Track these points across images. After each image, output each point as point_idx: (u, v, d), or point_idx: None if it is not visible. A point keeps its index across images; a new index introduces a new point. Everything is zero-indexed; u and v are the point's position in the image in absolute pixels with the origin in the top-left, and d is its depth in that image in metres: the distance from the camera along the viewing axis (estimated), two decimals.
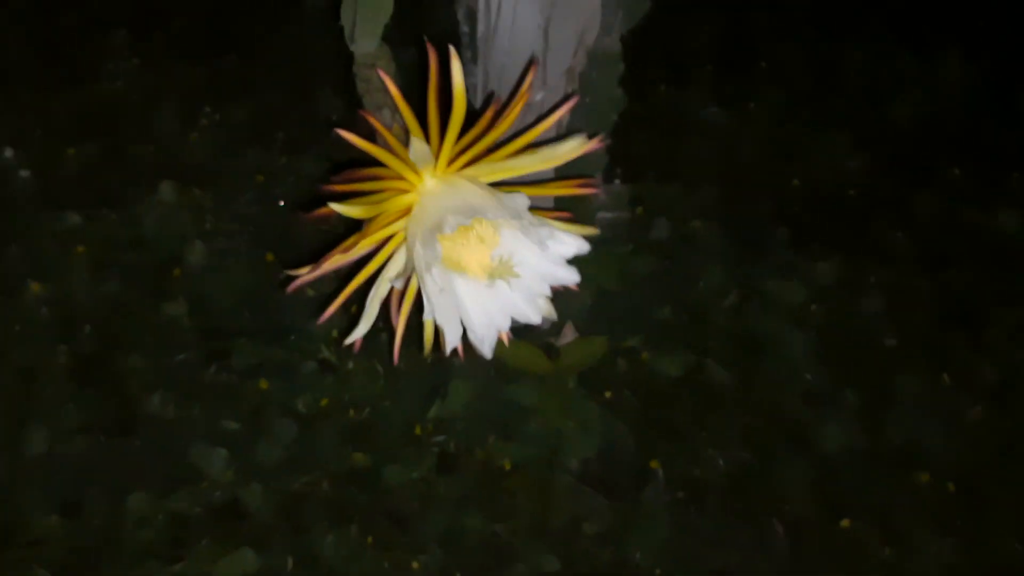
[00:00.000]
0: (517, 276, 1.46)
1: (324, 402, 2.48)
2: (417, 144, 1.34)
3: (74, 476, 2.34)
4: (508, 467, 2.42)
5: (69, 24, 3.49)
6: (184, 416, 2.47)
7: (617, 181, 2.63)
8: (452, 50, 1.34)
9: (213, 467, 2.34)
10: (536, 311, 1.53)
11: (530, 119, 2.14)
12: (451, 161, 1.48)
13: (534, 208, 1.43)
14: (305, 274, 1.45)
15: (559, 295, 1.58)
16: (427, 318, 1.44)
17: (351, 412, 2.47)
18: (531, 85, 1.45)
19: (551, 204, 2.23)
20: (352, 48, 1.60)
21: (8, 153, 2.93)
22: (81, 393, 2.48)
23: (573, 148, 1.44)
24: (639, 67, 3.37)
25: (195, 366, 2.58)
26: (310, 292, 2.67)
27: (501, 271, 1.44)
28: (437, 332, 1.63)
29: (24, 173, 2.90)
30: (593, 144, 1.48)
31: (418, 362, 2.58)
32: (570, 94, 2.10)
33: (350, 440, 2.43)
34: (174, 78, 3.30)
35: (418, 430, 2.45)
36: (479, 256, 1.48)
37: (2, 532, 2.23)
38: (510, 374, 2.52)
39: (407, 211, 1.45)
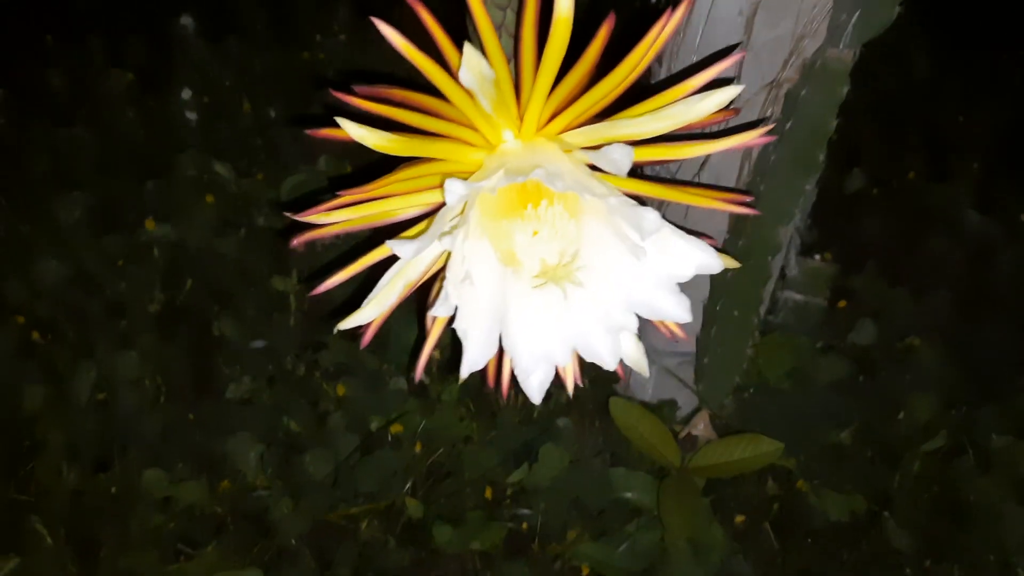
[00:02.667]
0: (577, 284, 0.98)
1: (397, 428, 2.07)
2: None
3: (114, 430, 2.09)
4: (586, 573, 1.90)
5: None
6: (247, 400, 2.16)
7: (817, 257, 2.06)
8: None
9: (249, 465, 2.00)
10: (612, 351, 1.05)
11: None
12: (547, 120, 1.04)
13: None
14: (312, 219, 1.05)
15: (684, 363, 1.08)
16: (433, 313, 1.00)
17: (418, 446, 2.04)
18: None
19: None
20: None
21: (186, 95, 2.82)
22: (156, 347, 2.24)
23: (710, 105, 0.95)
24: (890, 141, 2.84)
25: (282, 350, 2.28)
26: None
27: (557, 273, 0.98)
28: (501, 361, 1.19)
29: (191, 115, 2.77)
30: (728, 114, 0.99)
31: (517, 411, 2.13)
32: (766, 119, 1.59)
33: (410, 480, 2.01)
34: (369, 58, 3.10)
35: (489, 493, 1.98)
36: (544, 251, 1.02)
37: (12, 470, 2.00)
38: (623, 452, 2.00)
39: (466, 175, 1.03)
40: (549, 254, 0.99)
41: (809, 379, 2.04)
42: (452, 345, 1.12)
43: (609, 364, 1.05)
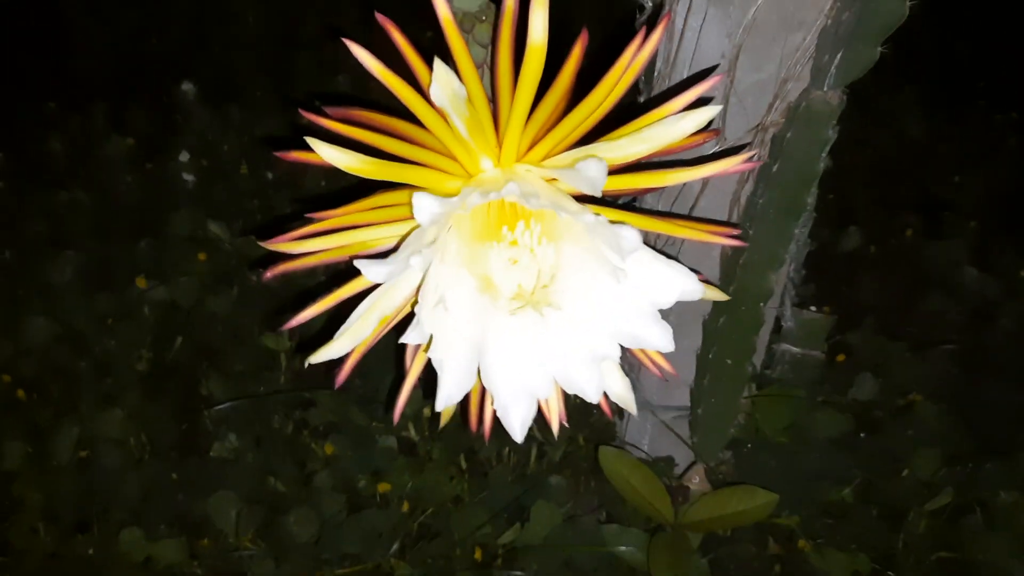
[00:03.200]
0: (556, 308, 0.96)
1: (385, 487, 2.02)
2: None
3: (95, 489, 2.04)
4: None
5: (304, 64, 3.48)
6: (233, 460, 2.11)
7: (812, 308, 2.02)
8: None
9: (231, 524, 1.93)
10: (595, 384, 1.01)
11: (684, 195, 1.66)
12: (528, 148, 1.03)
13: None
14: (283, 247, 1.03)
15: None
16: (404, 340, 0.97)
17: (405, 506, 1.98)
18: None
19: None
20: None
21: (184, 157, 2.84)
22: (142, 405, 2.20)
23: (689, 126, 0.94)
24: (886, 200, 2.83)
25: (270, 409, 2.23)
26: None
27: (534, 297, 0.95)
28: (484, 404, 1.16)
29: (188, 177, 2.79)
30: (708, 136, 0.98)
31: (510, 470, 2.08)
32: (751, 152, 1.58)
33: (398, 541, 1.94)
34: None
35: (479, 554, 1.91)
36: (522, 276, 0.99)
37: None
38: (618, 510, 1.94)
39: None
40: (526, 278, 0.97)
41: (809, 434, 1.99)
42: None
43: (592, 396, 1.01)
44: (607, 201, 1.13)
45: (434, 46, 1.08)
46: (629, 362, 1.11)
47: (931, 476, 1.99)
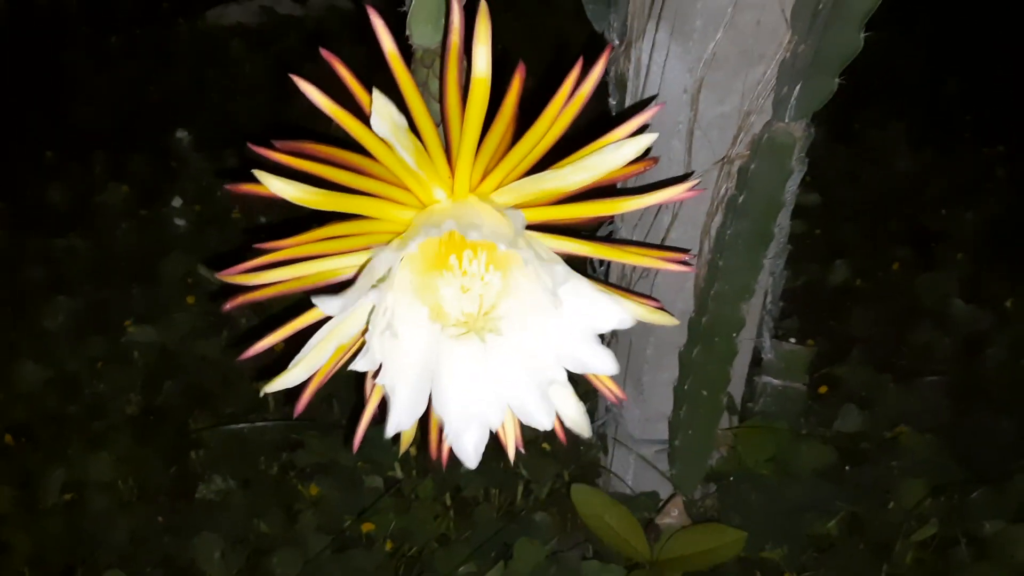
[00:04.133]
0: (497, 332, 0.97)
1: (369, 527, 2.01)
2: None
3: (82, 533, 2.04)
4: None
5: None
6: (219, 503, 2.12)
7: (792, 340, 2.03)
8: (483, 11, 0.94)
9: (214, 566, 1.93)
10: (545, 409, 1.02)
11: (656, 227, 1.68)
12: (480, 179, 1.06)
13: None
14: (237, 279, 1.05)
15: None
16: (354, 367, 0.98)
17: (388, 545, 1.98)
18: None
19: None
20: (408, 37, 1.26)
21: (176, 203, 2.89)
22: (131, 448, 2.21)
23: (628, 153, 0.96)
24: (874, 234, 2.84)
25: (257, 452, 2.24)
26: None
27: (477, 323, 0.97)
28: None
29: (180, 222, 2.83)
30: (647, 164, 1.00)
31: (494, 507, 2.07)
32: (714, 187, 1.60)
33: None
34: None
35: None
36: (468, 303, 1.01)
37: None
38: (603, 546, 1.93)
39: (396, 233, 1.03)
40: (470, 305, 0.98)
41: (793, 467, 1.98)
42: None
43: (543, 423, 1.02)
44: (578, 231, 1.15)
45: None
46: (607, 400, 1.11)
47: (917, 507, 1.97)
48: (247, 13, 3.99)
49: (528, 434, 1.08)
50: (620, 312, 0.95)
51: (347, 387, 2.28)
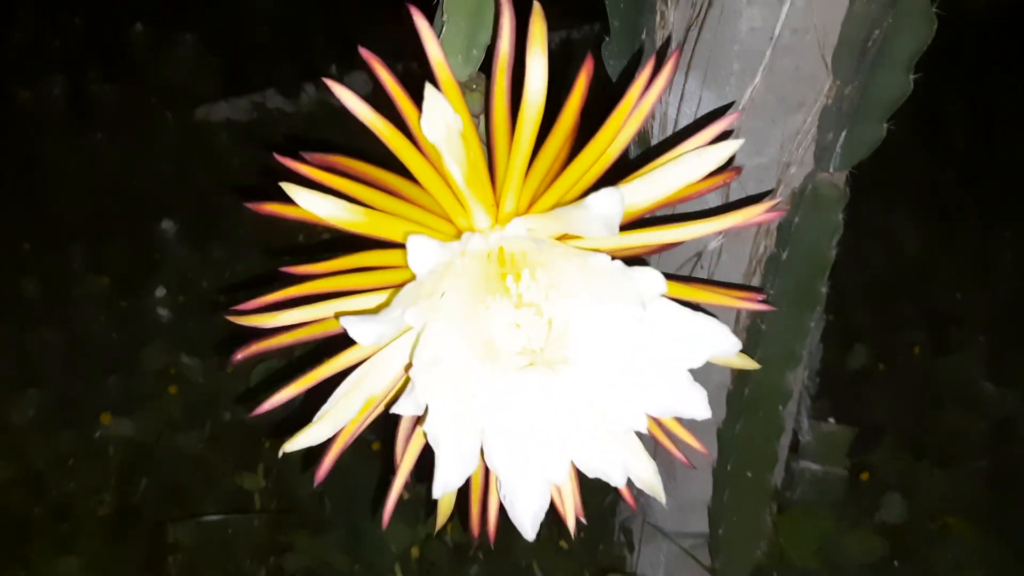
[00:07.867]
0: (570, 364, 0.83)
1: None
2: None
3: None
4: None
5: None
6: None
7: (831, 420, 1.88)
8: (537, 12, 0.83)
9: None
10: (617, 461, 0.87)
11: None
12: (528, 205, 0.93)
13: None
14: (253, 317, 0.91)
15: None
16: (396, 410, 0.83)
17: None
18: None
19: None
20: None
21: (160, 293, 2.74)
22: (102, 552, 1.99)
23: (709, 162, 0.84)
24: (889, 318, 2.75)
25: (242, 554, 2.03)
26: (406, 495, 2.08)
27: (544, 356, 0.82)
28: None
29: (163, 312, 2.68)
30: (729, 176, 0.88)
31: None
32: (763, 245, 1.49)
33: None
34: None
35: None
36: (527, 336, 0.87)
37: None
38: None
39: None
40: (533, 337, 0.84)
41: (839, 561, 1.80)
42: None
43: (616, 478, 0.86)
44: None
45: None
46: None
47: None
48: (237, 110, 3.94)
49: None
50: (722, 337, 0.81)
51: (340, 482, 2.10)
